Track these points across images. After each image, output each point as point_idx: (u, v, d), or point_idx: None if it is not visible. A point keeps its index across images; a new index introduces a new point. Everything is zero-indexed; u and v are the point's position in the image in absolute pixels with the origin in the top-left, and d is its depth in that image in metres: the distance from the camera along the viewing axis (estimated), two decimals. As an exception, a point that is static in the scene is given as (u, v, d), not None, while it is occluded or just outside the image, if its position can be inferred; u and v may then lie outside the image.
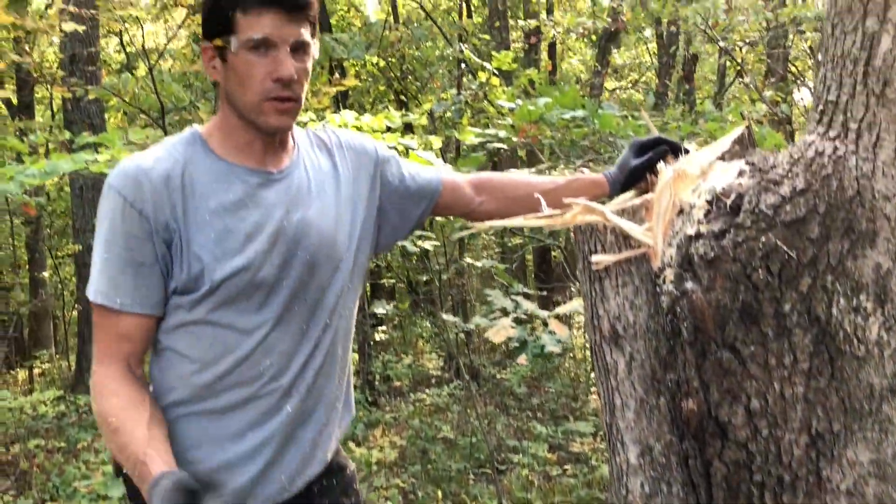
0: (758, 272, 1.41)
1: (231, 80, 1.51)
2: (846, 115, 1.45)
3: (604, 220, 1.65)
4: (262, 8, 1.45)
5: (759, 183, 1.46)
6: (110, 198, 1.48)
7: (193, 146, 1.56)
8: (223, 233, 1.50)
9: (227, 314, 1.53)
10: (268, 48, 1.47)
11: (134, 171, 1.49)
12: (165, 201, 1.48)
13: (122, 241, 1.47)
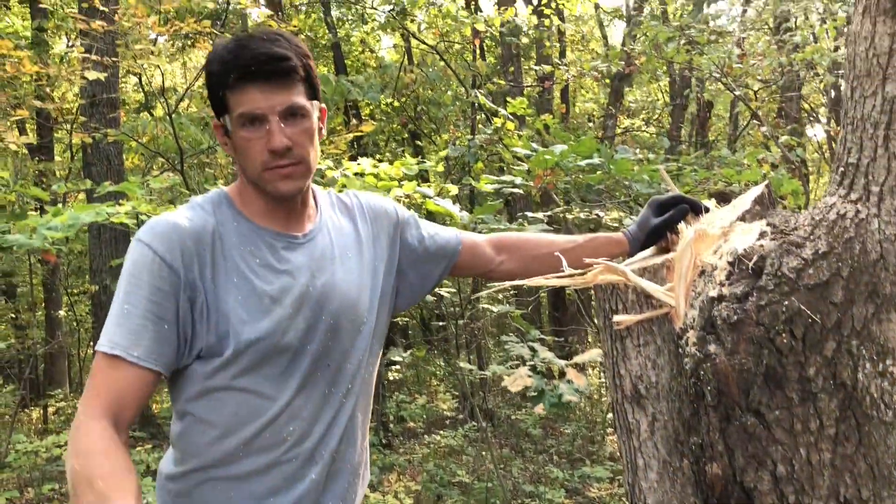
0: (781, 336, 1.40)
1: (237, 154, 1.55)
2: (868, 177, 1.45)
3: (625, 280, 1.65)
4: (244, 84, 1.47)
5: (781, 245, 1.45)
6: (139, 250, 1.46)
7: (222, 206, 1.57)
8: (250, 295, 1.50)
9: (252, 380, 1.51)
10: (259, 121, 1.49)
11: (165, 226, 1.48)
12: (195, 259, 1.47)
13: (147, 294, 1.44)
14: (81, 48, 5.44)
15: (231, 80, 1.47)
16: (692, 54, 4.63)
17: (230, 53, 1.48)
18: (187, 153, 6.50)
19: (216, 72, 1.50)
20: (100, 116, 7.85)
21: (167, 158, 5.60)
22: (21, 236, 2.44)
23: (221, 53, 1.50)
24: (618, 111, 10.96)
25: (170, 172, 6.73)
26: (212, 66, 1.51)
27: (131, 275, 1.45)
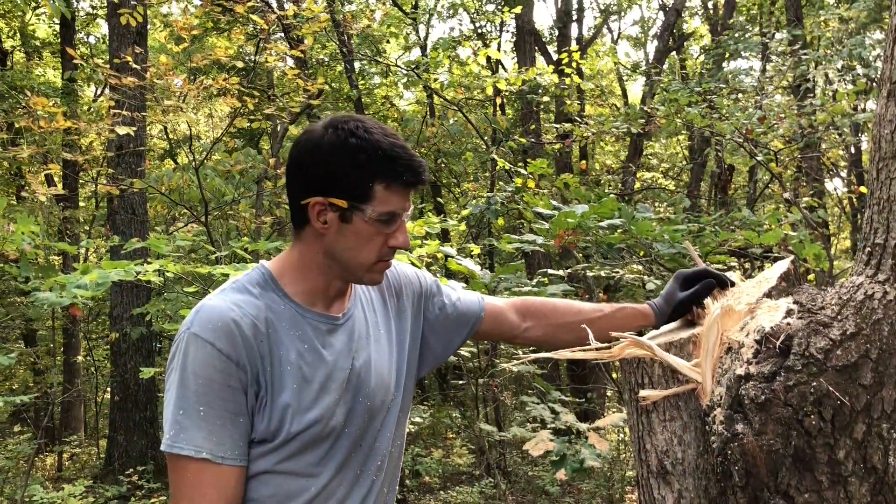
0: (810, 418, 1.39)
1: (345, 240, 1.52)
2: (895, 259, 1.45)
3: (651, 355, 1.65)
4: (402, 186, 1.51)
5: (809, 325, 1.45)
6: (202, 348, 1.43)
7: (267, 289, 1.55)
8: (301, 384, 1.50)
9: (294, 463, 1.51)
10: (394, 220, 1.53)
11: (222, 320, 1.44)
12: (256, 353, 1.46)
13: (220, 393, 1.43)
14: (111, 100, 5.58)
15: (393, 180, 1.49)
16: (713, 118, 4.67)
17: (393, 154, 1.49)
18: (211, 204, 6.60)
19: (376, 165, 1.48)
20: (126, 166, 8.00)
21: (190, 210, 5.68)
22: (51, 294, 2.48)
23: (379, 147, 1.48)
24: (637, 167, 11.01)
25: (194, 223, 6.82)
26: (364, 157, 1.48)
27: (198, 375, 1.42)
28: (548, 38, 16.28)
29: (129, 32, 7.79)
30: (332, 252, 1.54)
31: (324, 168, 1.49)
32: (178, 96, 4.85)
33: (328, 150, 1.49)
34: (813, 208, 4.59)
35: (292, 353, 1.51)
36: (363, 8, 14.53)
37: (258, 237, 5.66)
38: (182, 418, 1.41)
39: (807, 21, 7.83)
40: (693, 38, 17.10)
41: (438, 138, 9.32)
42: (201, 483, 1.42)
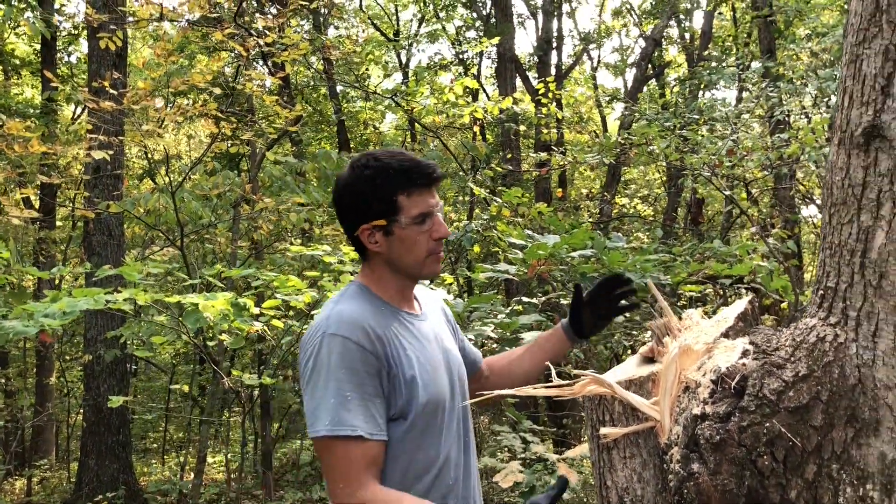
0: (763, 458, 1.42)
1: (397, 249, 1.84)
2: (845, 302, 1.49)
3: (611, 393, 1.67)
4: (420, 189, 1.82)
5: (763, 366, 1.49)
6: (341, 343, 1.70)
7: (369, 296, 1.86)
8: (418, 364, 1.79)
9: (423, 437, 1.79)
10: (428, 218, 1.83)
11: (353, 319, 1.74)
12: (383, 343, 1.74)
13: (362, 380, 1.69)
14: (88, 124, 5.57)
15: (411, 188, 1.80)
16: (683, 151, 4.74)
17: (403, 167, 1.81)
18: (188, 227, 6.58)
19: (391, 182, 1.80)
20: (103, 188, 7.96)
21: (166, 234, 5.66)
22: (18, 323, 2.47)
23: (389, 168, 1.80)
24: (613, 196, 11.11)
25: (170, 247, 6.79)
26: (379, 181, 1.80)
27: (343, 367, 1.69)
28: (528, 64, 16.45)
29: (108, 54, 7.79)
30: (392, 261, 1.86)
31: (356, 201, 1.83)
32: (156, 121, 4.86)
33: (353, 186, 1.83)
34: (784, 239, 4.67)
35: (403, 341, 1.80)
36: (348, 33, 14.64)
37: (234, 261, 5.66)
38: (335, 405, 1.66)
39: (779, 54, 8.00)
40: (671, 67, 17.34)
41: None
42: (355, 458, 1.67)
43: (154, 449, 14.03)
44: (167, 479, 9.95)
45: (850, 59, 1.52)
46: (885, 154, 1.43)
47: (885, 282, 1.43)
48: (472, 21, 15.82)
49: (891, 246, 1.42)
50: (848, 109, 1.51)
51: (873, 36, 1.46)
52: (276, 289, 3.37)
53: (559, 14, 16.11)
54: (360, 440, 1.66)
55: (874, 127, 1.44)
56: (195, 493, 5.06)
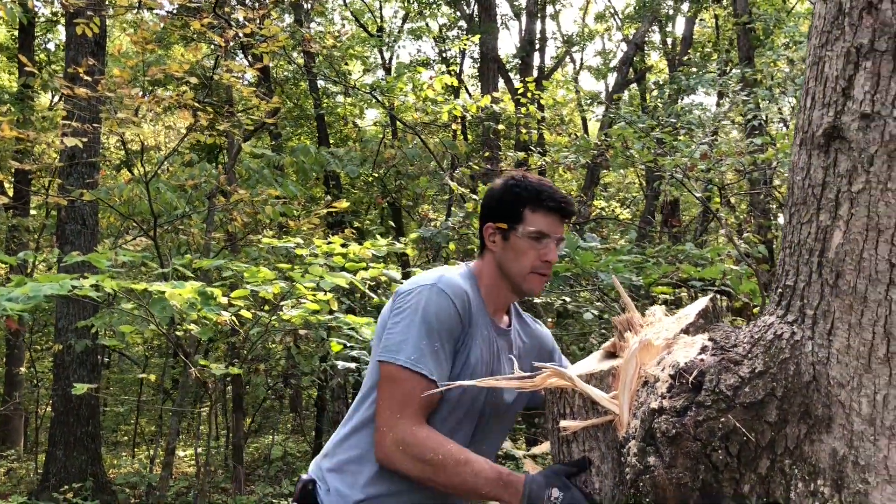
0: (717, 452, 1.44)
1: (508, 254, 2.02)
2: (803, 300, 1.51)
3: (572, 386, 1.68)
4: (547, 212, 2.01)
5: (721, 361, 1.50)
6: (445, 300, 1.89)
7: (474, 283, 2.04)
8: (476, 357, 1.95)
9: (448, 415, 1.93)
10: (543, 239, 2.00)
11: (460, 288, 1.93)
12: (468, 319, 1.93)
13: (448, 337, 1.89)
14: (63, 111, 5.50)
15: (538, 206, 2.00)
16: (656, 154, 4.78)
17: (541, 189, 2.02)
18: (162, 219, 6.52)
19: (524, 195, 2.01)
20: (78, 176, 7.87)
21: (139, 224, 5.61)
22: (-21, 306, 2.44)
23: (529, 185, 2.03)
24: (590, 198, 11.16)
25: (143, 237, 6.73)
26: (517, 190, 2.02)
27: (438, 317, 1.88)
28: (511, 65, 16.48)
29: (86, 42, 7.70)
30: (500, 263, 2.04)
31: (493, 204, 2.07)
32: (132, 109, 4.81)
33: (497, 192, 2.08)
34: (754, 244, 4.71)
35: (477, 333, 1.97)
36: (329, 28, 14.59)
37: (207, 253, 5.62)
38: (426, 347, 1.85)
39: (757, 61, 8.08)
40: (652, 72, 17.44)
41: (398, 160, 9.35)
42: (417, 396, 1.83)
43: (125, 441, 13.90)
44: (136, 471, 9.87)
45: (814, 60, 1.54)
46: (845, 155, 1.45)
47: (842, 281, 1.45)
48: (455, 19, 15.83)
49: (848, 246, 1.44)
50: (810, 110, 1.53)
51: (835, 38, 1.48)
52: (246, 280, 3.36)
53: (543, 16, 16.16)
54: (431, 383, 1.83)
55: (834, 128, 1.46)
56: (163, 485, 5.02)
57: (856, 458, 1.42)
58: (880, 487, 1.41)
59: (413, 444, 1.80)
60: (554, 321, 5.12)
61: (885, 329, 1.41)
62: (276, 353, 9.72)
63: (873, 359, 1.42)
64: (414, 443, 1.80)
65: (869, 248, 1.42)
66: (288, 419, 14.09)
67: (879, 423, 1.41)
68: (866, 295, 1.42)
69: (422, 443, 1.80)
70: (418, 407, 1.83)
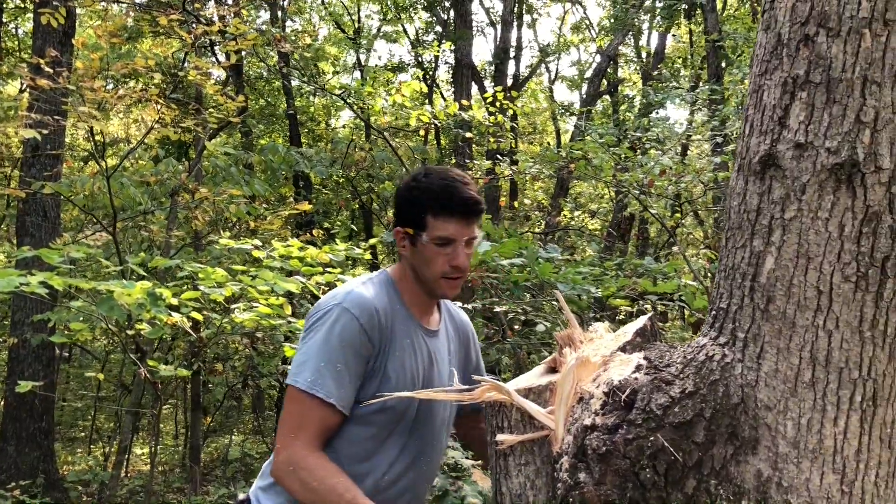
0: (646, 471, 1.45)
1: (417, 259, 1.97)
2: (735, 323, 1.54)
3: (509, 400, 1.69)
4: (449, 217, 1.92)
5: (653, 381, 1.52)
6: (349, 320, 1.85)
7: (391, 291, 1.99)
8: (400, 369, 1.91)
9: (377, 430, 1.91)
10: (449, 243, 1.94)
11: (367, 303, 1.88)
12: (384, 335, 1.89)
13: (353, 357, 1.84)
14: (26, 102, 5.43)
15: (439, 211, 1.91)
16: (617, 168, 4.84)
17: (442, 192, 1.92)
18: (125, 213, 6.45)
19: (425, 200, 1.92)
20: (41, 168, 7.75)
21: (97, 219, 5.54)
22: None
23: (430, 187, 1.93)
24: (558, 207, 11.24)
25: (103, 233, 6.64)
26: (417, 194, 1.94)
27: (342, 339, 1.84)
28: (486, 73, 16.55)
29: (54, 32, 7.59)
30: (413, 267, 1.99)
31: (399, 206, 2.00)
32: (95, 103, 4.75)
33: (402, 193, 2.00)
34: (712, 260, 4.78)
35: (401, 344, 1.93)
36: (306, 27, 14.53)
37: (168, 251, 5.56)
38: (324, 368, 1.81)
39: (726, 79, 8.20)
40: (625, 84, 17.62)
41: (368, 163, 9.34)
42: (315, 419, 1.81)
43: (82, 438, 13.69)
44: (90, 468, 9.72)
45: (754, 88, 1.57)
46: (779, 182, 1.48)
47: (772, 306, 1.48)
48: (430, 25, 15.85)
49: (779, 272, 1.47)
50: (748, 137, 1.56)
51: (774, 68, 1.51)
52: (199, 281, 3.33)
53: (519, 24, 16.25)
54: (329, 407, 1.80)
55: (770, 156, 1.49)
56: (114, 484, 4.95)
57: (779, 480, 1.44)
58: (802, 509, 1.43)
59: (302, 467, 1.79)
60: (513, 331, 5.15)
61: (812, 354, 1.44)
62: (238, 354, 9.66)
63: (799, 383, 1.45)
64: (303, 466, 1.79)
65: (799, 274, 1.45)
66: (249, 419, 13.98)
67: (803, 446, 1.44)
68: (795, 320, 1.45)
69: (310, 469, 1.79)
70: (315, 431, 1.82)
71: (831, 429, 1.43)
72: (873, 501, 1.44)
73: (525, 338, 6.01)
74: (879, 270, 1.40)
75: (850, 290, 1.41)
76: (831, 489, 1.43)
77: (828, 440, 1.44)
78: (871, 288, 1.41)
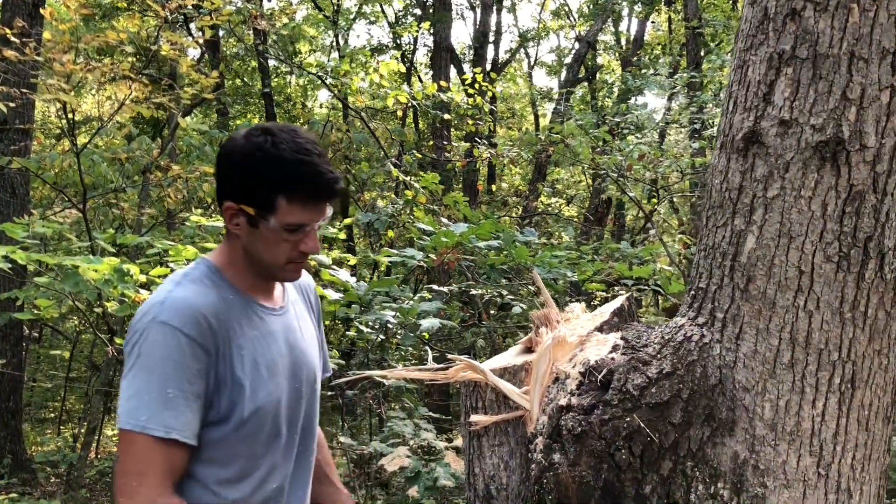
0: (621, 452, 1.43)
1: (257, 244, 1.62)
2: (714, 303, 1.51)
3: (484, 379, 1.66)
4: (306, 201, 1.58)
5: (630, 361, 1.50)
6: (170, 334, 1.52)
7: (217, 281, 1.65)
8: (253, 368, 1.61)
9: (249, 444, 1.62)
10: (301, 229, 1.61)
11: (187, 308, 1.55)
12: (218, 338, 1.57)
13: (187, 377, 1.53)
14: (-3, 74, 5.28)
15: (294, 194, 1.56)
16: (596, 152, 4.82)
17: (298, 169, 1.56)
18: (95, 190, 6.32)
19: (276, 178, 1.56)
20: (8, 143, 7.57)
21: (67, 196, 5.42)
22: None
23: (281, 160, 1.55)
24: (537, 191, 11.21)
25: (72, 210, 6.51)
26: (265, 167, 1.56)
27: (167, 359, 1.52)
28: (465, 57, 16.45)
29: (23, 3, 7.40)
30: (248, 251, 1.64)
31: (234, 175, 1.60)
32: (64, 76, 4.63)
33: (239, 160, 1.58)
34: (689, 245, 4.78)
35: (245, 340, 1.61)
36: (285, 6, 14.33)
37: (139, 229, 5.46)
38: (154, 401, 1.51)
39: (705, 66, 8.20)
40: (603, 70, 17.59)
41: (344, 145, 9.24)
42: (157, 460, 1.52)
43: (51, 418, 13.53)
44: (59, 449, 9.60)
45: (738, 63, 1.54)
46: (762, 160, 1.45)
47: (752, 286, 1.45)
48: (408, 7, 15.71)
49: (760, 251, 1.44)
50: (731, 114, 1.53)
51: (759, 43, 1.48)
52: (170, 258, 3.25)
53: (499, 8, 16.14)
54: (170, 444, 1.52)
55: (754, 133, 1.46)
56: (82, 465, 4.87)
57: (756, 462, 1.43)
58: (777, 492, 1.42)
59: None
60: (489, 315, 5.12)
61: (791, 335, 1.42)
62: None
63: (778, 364, 1.43)
64: None
65: (780, 254, 1.42)
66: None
67: (780, 429, 1.42)
68: (775, 301, 1.43)
69: None
70: (160, 473, 1.52)
71: (809, 411, 1.42)
72: (850, 484, 1.43)
73: (500, 322, 5.99)
74: (861, 251, 1.38)
75: (832, 270, 1.39)
76: (808, 472, 1.42)
77: (805, 422, 1.42)
78: (853, 268, 1.39)
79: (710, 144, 5.40)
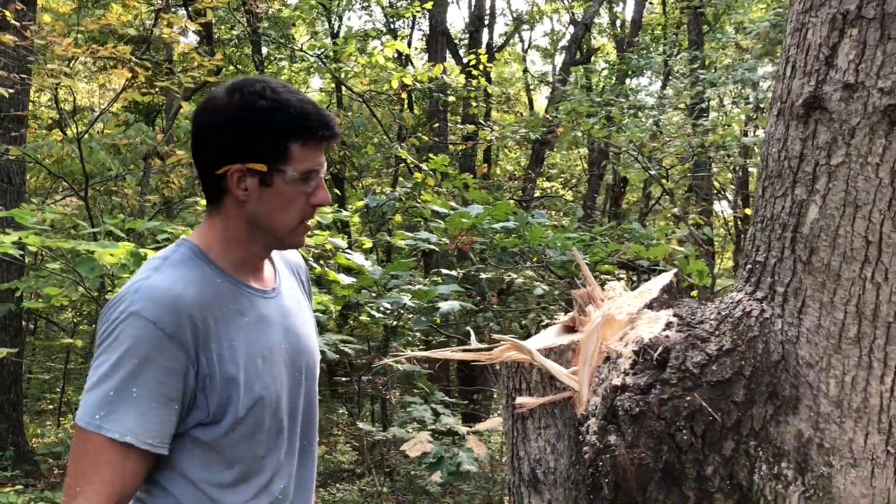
0: (682, 432, 1.37)
1: (270, 204, 1.48)
2: (773, 277, 1.45)
3: (530, 360, 1.60)
4: (316, 142, 1.48)
5: (687, 338, 1.44)
6: (142, 327, 1.37)
7: (200, 264, 1.49)
8: (247, 358, 1.48)
9: (249, 443, 1.50)
10: (312, 178, 1.50)
11: (166, 298, 1.39)
12: (199, 331, 1.42)
13: (157, 377, 1.38)
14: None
15: (307, 136, 1.46)
16: (610, 130, 4.76)
17: (305, 108, 1.46)
18: (94, 179, 6.23)
19: (287, 122, 1.44)
20: (4, 131, 7.47)
21: (70, 183, 5.34)
22: None
23: (288, 105, 1.44)
24: (537, 175, 11.16)
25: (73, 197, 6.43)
26: (275, 117, 1.43)
27: (135, 354, 1.37)
28: (460, 41, 16.33)
29: (16, -11, 7.28)
30: (256, 219, 1.49)
31: (235, 133, 1.44)
32: (64, 60, 4.54)
33: (237, 114, 1.44)
34: (699, 226, 4.73)
35: (235, 329, 1.48)
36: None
37: (142, 216, 5.38)
38: (113, 398, 1.37)
39: (706, 46, 8.13)
40: (600, 53, 17.50)
41: (342, 130, 9.16)
42: (103, 463, 1.37)
43: (50, 410, 13.46)
44: (60, 440, 9.55)
45: (796, 26, 1.47)
46: (825, 126, 1.39)
47: (815, 258, 1.40)
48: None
49: (823, 221, 1.39)
50: (790, 79, 1.47)
51: (820, 3, 1.41)
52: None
53: (494, -9, 16.01)
54: (125, 447, 1.36)
55: (815, 98, 1.40)
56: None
57: (821, 441, 1.37)
58: (844, 471, 1.37)
59: None
60: (498, 298, 5.07)
61: (858, 308, 1.36)
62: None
63: (843, 339, 1.37)
64: None
65: (845, 224, 1.37)
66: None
67: (846, 406, 1.37)
68: (840, 273, 1.37)
69: None
70: (108, 480, 1.36)
71: (877, 386, 1.36)
72: (921, 462, 1.38)
73: (507, 306, 5.94)
74: (933, 219, 1.32)
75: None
76: (876, 450, 1.37)
77: (873, 399, 1.36)
78: (925, 237, 1.33)
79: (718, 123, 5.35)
